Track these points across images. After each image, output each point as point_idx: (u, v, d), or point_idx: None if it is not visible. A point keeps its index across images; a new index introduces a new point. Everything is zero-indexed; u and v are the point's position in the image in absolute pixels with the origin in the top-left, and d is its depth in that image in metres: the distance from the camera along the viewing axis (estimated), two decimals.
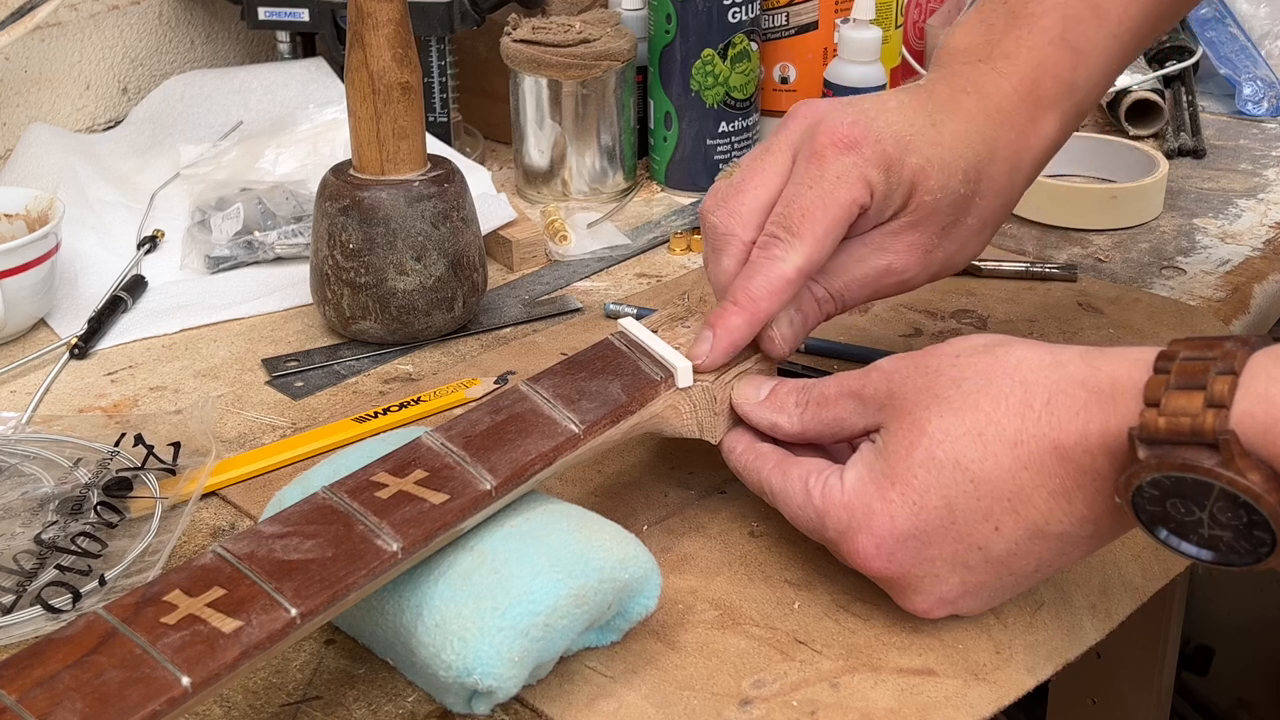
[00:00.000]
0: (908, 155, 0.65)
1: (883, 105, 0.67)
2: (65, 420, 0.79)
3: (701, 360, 0.65)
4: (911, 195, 0.66)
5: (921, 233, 0.67)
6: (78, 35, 1.16)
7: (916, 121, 0.66)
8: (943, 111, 0.67)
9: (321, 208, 0.84)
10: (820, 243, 0.64)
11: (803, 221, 0.64)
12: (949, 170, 0.66)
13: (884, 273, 0.68)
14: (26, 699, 0.43)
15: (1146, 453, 0.50)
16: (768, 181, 0.66)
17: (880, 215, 0.67)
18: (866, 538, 0.58)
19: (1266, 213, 1.05)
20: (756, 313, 0.65)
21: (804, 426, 0.63)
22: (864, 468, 0.59)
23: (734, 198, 0.67)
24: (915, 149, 0.65)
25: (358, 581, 0.51)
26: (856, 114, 0.65)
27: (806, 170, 0.65)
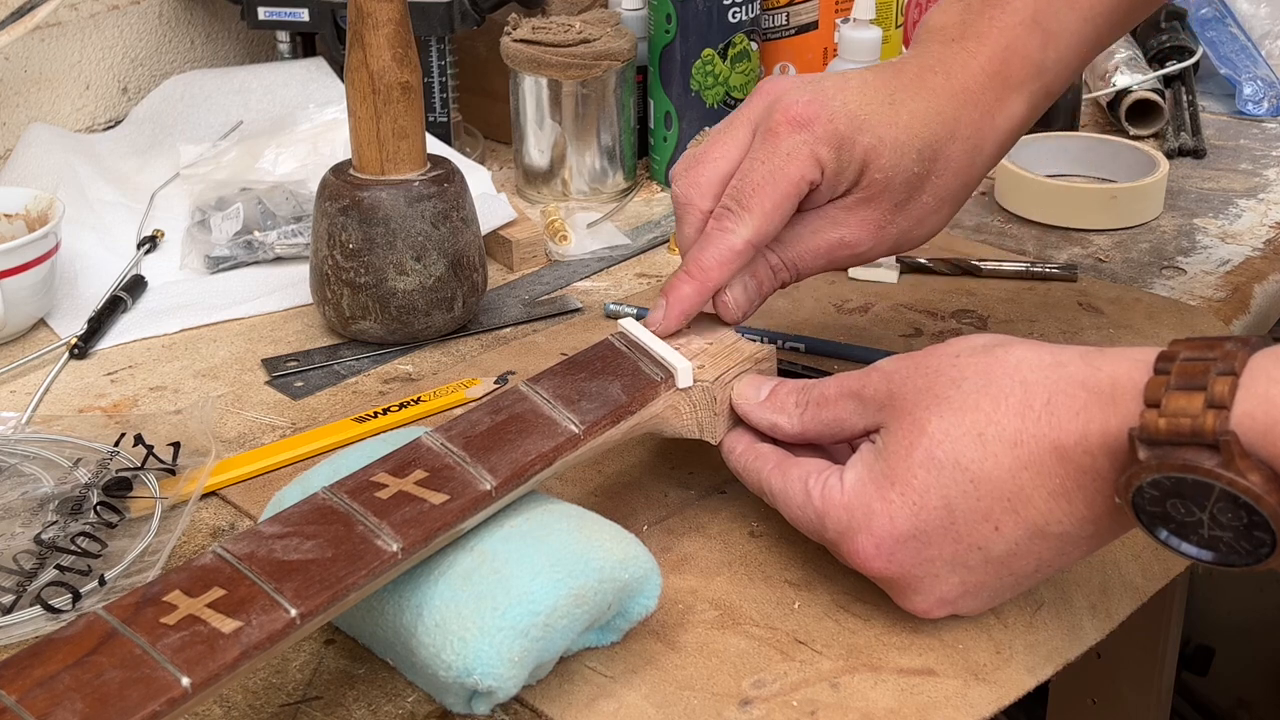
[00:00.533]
0: (860, 134, 0.67)
1: (844, 83, 0.68)
2: (65, 420, 0.79)
3: (656, 326, 0.67)
4: (863, 172, 0.68)
5: (874, 208, 0.69)
6: (78, 35, 1.16)
7: (874, 100, 0.68)
8: (906, 90, 0.68)
9: (321, 208, 0.84)
10: (769, 217, 0.66)
11: (753, 196, 0.66)
12: (902, 149, 0.67)
13: (837, 245, 0.70)
14: (26, 699, 0.43)
15: (1147, 453, 0.50)
16: (728, 154, 0.69)
17: (832, 191, 0.68)
18: (866, 538, 0.58)
19: (1267, 213, 1.05)
20: (706, 281, 0.67)
21: (804, 427, 0.63)
22: (864, 468, 0.59)
23: (695, 168, 0.69)
24: (869, 128, 0.67)
25: (358, 582, 0.51)
26: (814, 92, 0.67)
27: (761, 146, 0.67)
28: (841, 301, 0.91)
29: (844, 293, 0.92)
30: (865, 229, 0.69)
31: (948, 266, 0.94)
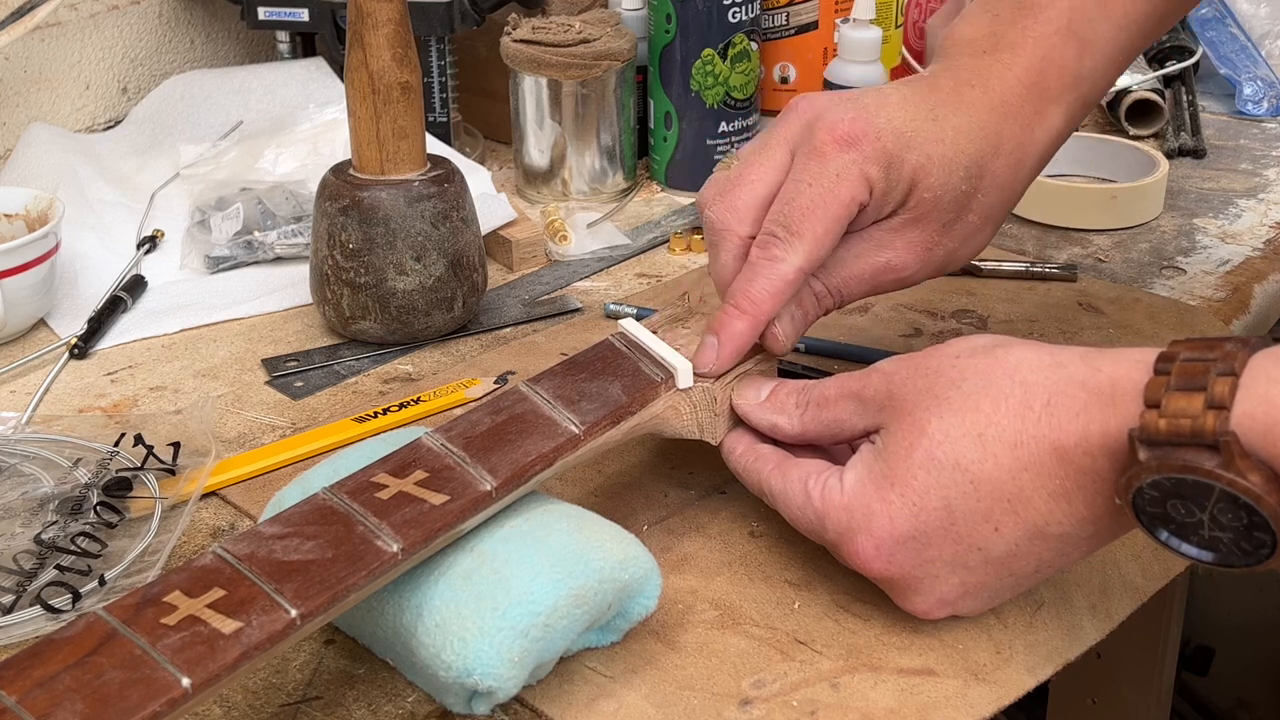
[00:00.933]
0: (908, 152, 0.65)
1: (883, 99, 0.66)
2: (65, 420, 0.79)
3: (709, 367, 0.65)
4: (911, 192, 0.66)
5: (922, 230, 0.67)
6: (78, 35, 1.16)
7: (918, 116, 0.66)
8: (945, 106, 0.66)
9: (321, 208, 0.84)
10: (820, 242, 0.64)
11: (802, 220, 0.64)
12: (950, 167, 0.66)
13: (883, 269, 0.68)
14: (27, 700, 0.43)
15: (1147, 454, 0.50)
16: (766, 176, 0.66)
17: (879, 212, 0.66)
18: (866, 539, 0.58)
19: (1266, 213, 1.05)
20: (759, 315, 0.65)
21: (804, 427, 0.63)
22: (864, 469, 0.59)
23: (731, 192, 0.66)
24: (916, 145, 0.65)
25: (358, 582, 0.51)
26: (857, 110, 0.65)
27: (806, 167, 0.65)
28: None
29: None
30: (912, 251, 0.67)
31: None
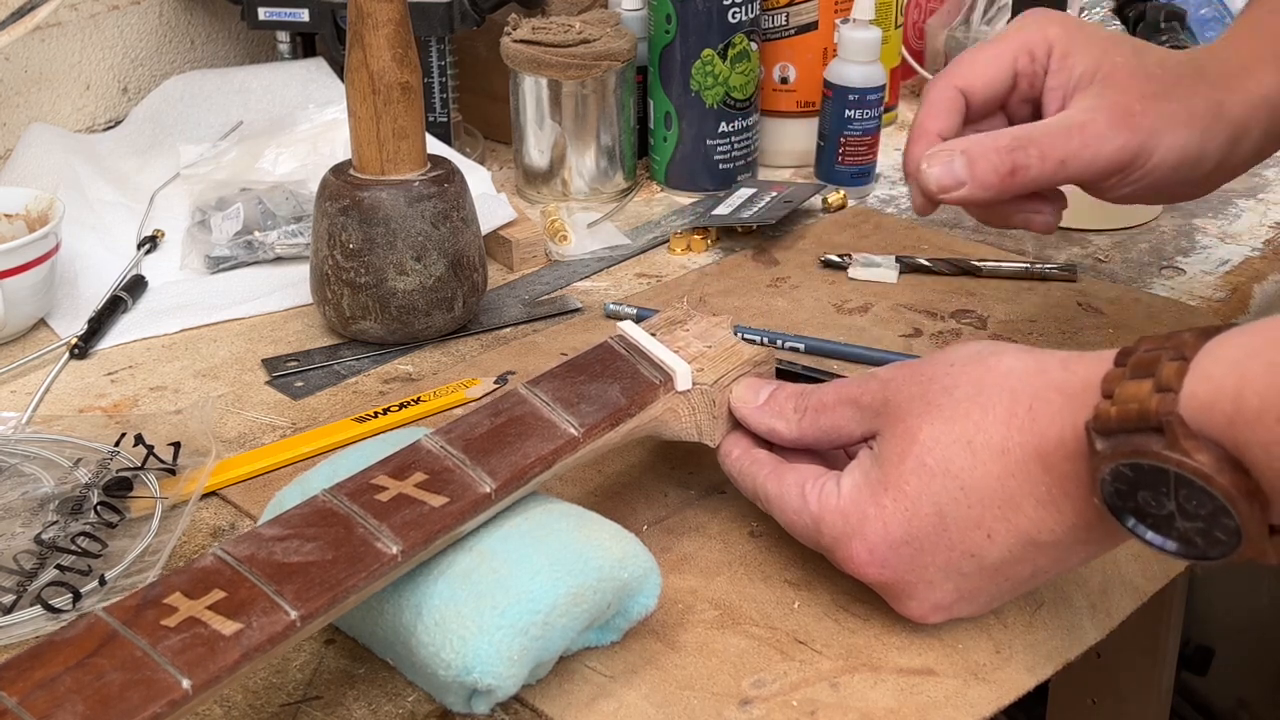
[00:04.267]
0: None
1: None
2: (65, 420, 0.79)
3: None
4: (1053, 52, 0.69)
5: (1117, 91, 0.68)
6: (78, 35, 1.16)
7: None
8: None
9: (321, 208, 0.84)
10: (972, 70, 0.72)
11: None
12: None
13: (1079, 128, 0.68)
14: (27, 701, 0.43)
15: (1102, 443, 0.50)
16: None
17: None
18: (860, 543, 0.58)
19: (1266, 213, 1.05)
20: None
21: (802, 432, 0.63)
22: (860, 474, 0.59)
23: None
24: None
25: (358, 584, 0.51)
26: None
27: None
28: (841, 301, 0.91)
29: (843, 293, 0.92)
30: (1108, 114, 0.68)
31: (947, 266, 0.94)
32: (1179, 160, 0.68)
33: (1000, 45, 0.70)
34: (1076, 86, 0.68)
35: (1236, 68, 0.69)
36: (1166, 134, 0.67)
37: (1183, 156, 0.68)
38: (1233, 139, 0.69)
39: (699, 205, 1.09)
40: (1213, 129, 0.68)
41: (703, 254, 1.00)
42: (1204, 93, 0.68)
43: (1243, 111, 0.69)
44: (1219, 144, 0.68)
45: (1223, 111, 0.68)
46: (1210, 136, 0.68)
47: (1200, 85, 0.68)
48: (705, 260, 0.99)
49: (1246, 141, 0.69)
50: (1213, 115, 0.68)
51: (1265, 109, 0.69)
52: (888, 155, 1.18)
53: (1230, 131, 0.69)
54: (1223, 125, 0.68)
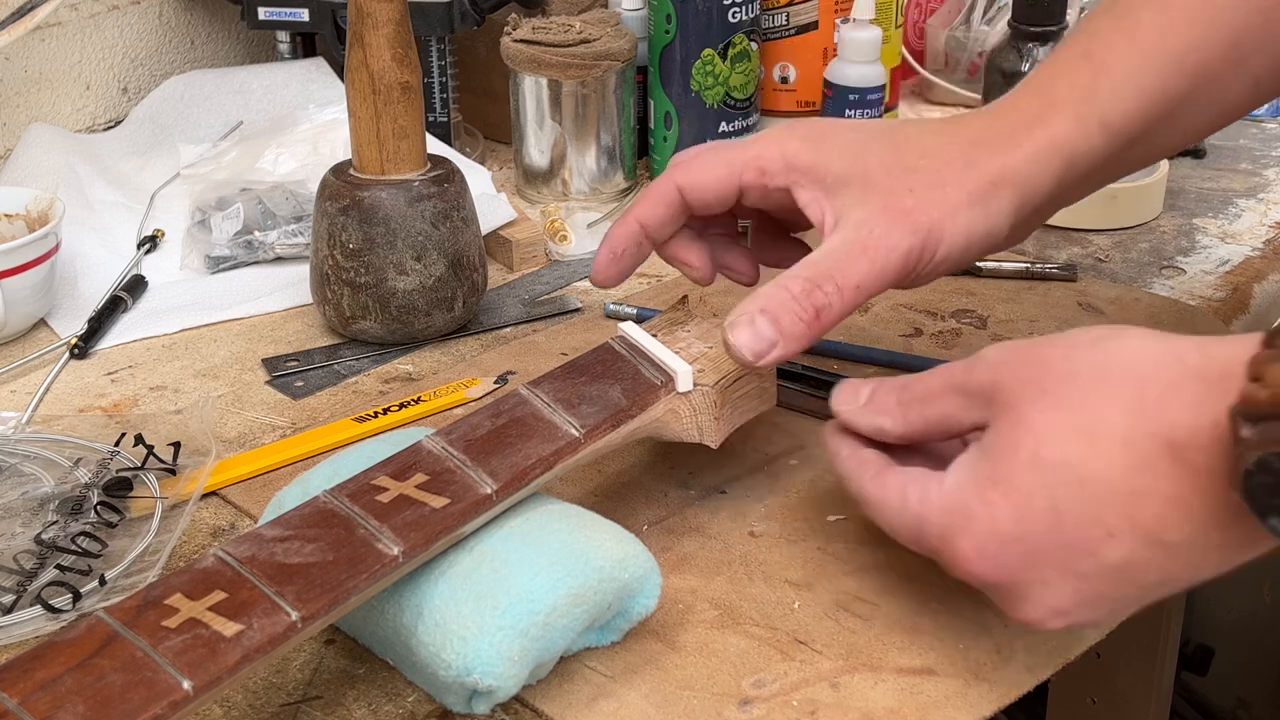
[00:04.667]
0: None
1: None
2: (65, 420, 0.79)
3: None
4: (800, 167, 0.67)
5: (881, 194, 0.65)
6: (78, 35, 1.16)
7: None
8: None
9: (321, 207, 0.84)
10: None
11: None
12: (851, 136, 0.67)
13: (866, 240, 0.66)
14: (28, 702, 0.44)
15: (1249, 430, 0.45)
16: None
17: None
18: (968, 541, 0.54)
19: (1266, 212, 1.05)
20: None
21: (909, 425, 0.60)
22: (965, 470, 0.55)
23: None
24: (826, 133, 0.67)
25: (359, 585, 0.51)
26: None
27: None
28: None
29: None
30: (887, 215, 0.65)
31: None
32: (967, 242, 0.65)
33: (730, 156, 0.67)
34: (834, 196, 0.65)
35: (1024, 121, 0.66)
36: (947, 222, 0.64)
37: (969, 236, 0.64)
38: (1020, 200, 0.65)
39: None
40: (995, 199, 0.65)
41: None
42: (979, 164, 0.65)
43: (1028, 167, 0.65)
44: (1005, 211, 0.65)
45: (1004, 176, 0.64)
46: (994, 208, 0.65)
47: (975, 157, 0.65)
48: None
49: (1037, 194, 0.66)
50: (992, 184, 0.64)
51: (1058, 157, 0.65)
52: None
53: (1016, 194, 0.65)
54: (1006, 190, 0.65)
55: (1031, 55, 1.12)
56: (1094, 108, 0.65)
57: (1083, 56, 0.67)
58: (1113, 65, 0.66)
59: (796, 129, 0.68)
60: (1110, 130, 0.66)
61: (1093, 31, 0.67)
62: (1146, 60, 0.66)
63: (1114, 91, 0.66)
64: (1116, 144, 0.66)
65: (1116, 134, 0.66)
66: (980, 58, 1.27)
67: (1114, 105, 0.65)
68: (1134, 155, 0.68)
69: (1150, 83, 0.66)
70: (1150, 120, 0.66)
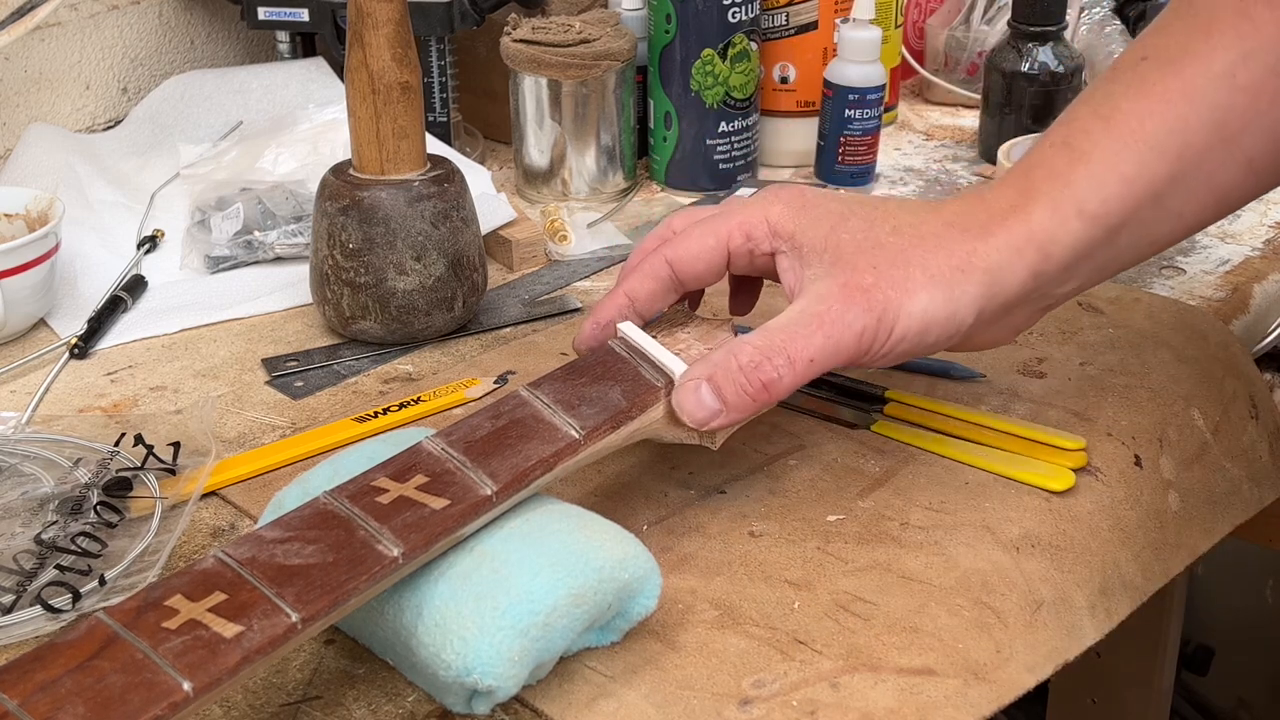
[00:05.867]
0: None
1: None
2: (65, 420, 0.79)
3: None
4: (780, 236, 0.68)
5: (845, 269, 0.66)
6: (78, 35, 1.16)
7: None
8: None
9: (321, 207, 0.84)
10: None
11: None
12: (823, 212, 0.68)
13: (820, 316, 0.67)
14: (28, 703, 0.44)
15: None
16: None
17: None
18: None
19: (1266, 212, 1.05)
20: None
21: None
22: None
23: None
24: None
25: (359, 587, 0.51)
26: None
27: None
28: None
29: None
30: (845, 296, 0.65)
31: None
32: (923, 325, 0.64)
33: (715, 226, 0.68)
34: (807, 263, 0.66)
35: (1002, 210, 0.65)
36: (904, 301, 0.63)
37: (927, 320, 0.64)
38: (987, 289, 0.64)
39: (699, 205, 1.09)
40: (959, 285, 0.64)
41: None
42: (950, 246, 0.64)
43: (999, 255, 0.64)
44: (970, 297, 0.64)
45: (971, 262, 0.64)
46: (957, 293, 0.64)
47: (946, 240, 0.65)
48: None
49: (1007, 287, 0.65)
50: (958, 269, 0.64)
51: (1031, 249, 0.64)
52: (888, 155, 1.18)
53: (982, 281, 0.64)
54: (973, 276, 0.64)
55: (1031, 55, 1.12)
56: (1070, 195, 0.65)
57: (1062, 145, 0.66)
58: (1088, 151, 0.65)
59: (781, 194, 0.68)
60: (1088, 217, 0.65)
61: (1071, 119, 0.67)
62: (1124, 145, 0.65)
63: (1091, 178, 0.65)
64: (1098, 232, 0.65)
65: (1095, 221, 0.65)
66: (980, 57, 1.28)
67: (1092, 192, 0.65)
68: (1123, 245, 0.67)
69: (1129, 168, 0.65)
70: (1133, 206, 0.65)
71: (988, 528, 0.67)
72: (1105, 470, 0.72)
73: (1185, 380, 0.80)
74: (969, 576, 0.64)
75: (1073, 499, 0.69)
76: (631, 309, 0.69)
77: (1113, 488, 0.71)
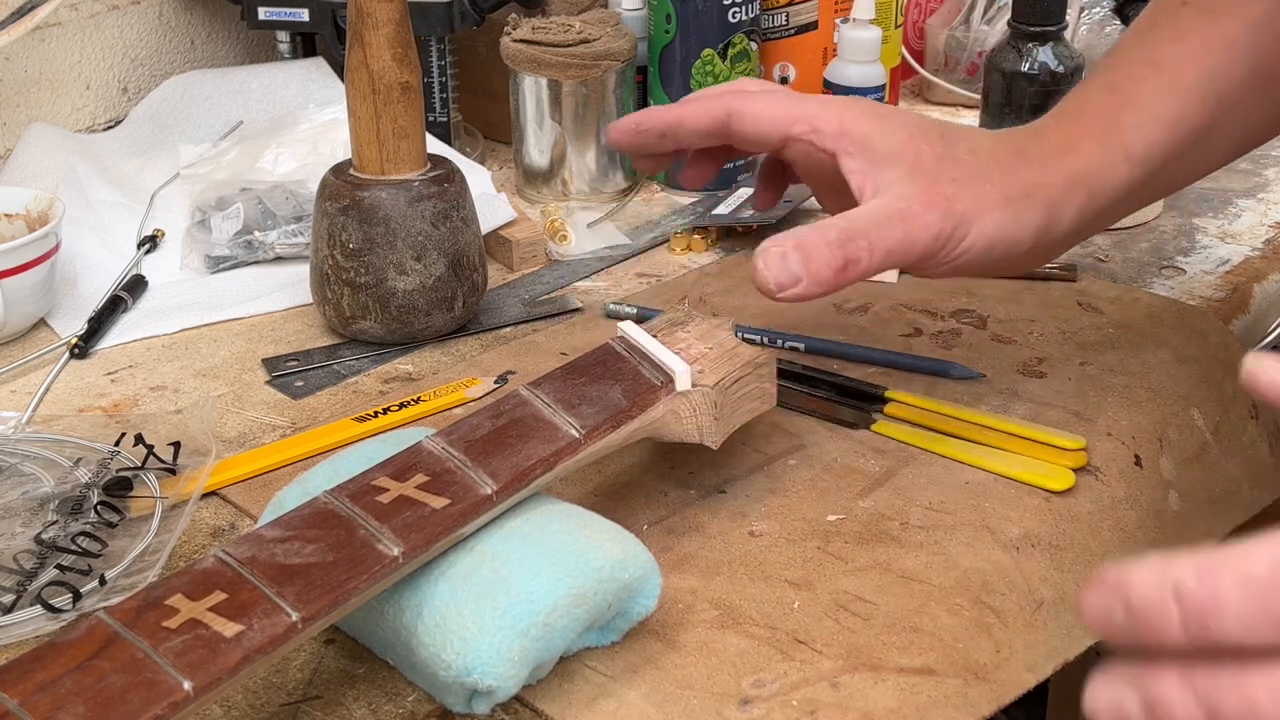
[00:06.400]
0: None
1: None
2: (65, 420, 0.79)
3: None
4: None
5: (923, 176, 0.68)
6: (78, 35, 1.16)
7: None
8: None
9: (321, 207, 0.84)
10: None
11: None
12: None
13: (901, 215, 0.69)
14: (29, 703, 0.44)
15: None
16: None
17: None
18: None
19: (1266, 212, 1.05)
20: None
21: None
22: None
23: None
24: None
25: (359, 586, 0.51)
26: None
27: None
28: (841, 301, 0.91)
29: (844, 292, 0.92)
30: (922, 199, 0.68)
31: None
32: (992, 241, 0.67)
33: (790, 104, 0.69)
34: (880, 169, 0.67)
35: (1056, 147, 0.68)
36: (978, 217, 0.66)
37: (996, 238, 0.67)
38: (1047, 220, 0.68)
39: (699, 205, 1.09)
40: (1027, 210, 0.67)
41: (703, 254, 1.01)
42: (1019, 174, 0.68)
43: (1059, 191, 0.68)
44: (1033, 225, 0.68)
45: (1038, 191, 0.67)
46: (1025, 217, 0.67)
47: (1016, 166, 0.68)
48: (705, 260, 0.99)
49: (1062, 222, 0.68)
50: (1026, 196, 0.67)
51: (1083, 187, 0.68)
52: None
53: (1045, 211, 0.68)
54: (1037, 205, 0.67)
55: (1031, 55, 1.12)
56: (1118, 140, 0.68)
57: (1109, 89, 0.69)
58: (1135, 97, 0.69)
59: (859, 103, 0.70)
60: (1134, 161, 0.68)
61: (1116, 64, 0.70)
62: (1169, 92, 0.68)
63: (1138, 124, 0.68)
64: (1140, 174, 0.68)
65: (1140, 164, 0.68)
66: (980, 57, 1.27)
67: (1138, 137, 0.68)
68: (1159, 184, 0.71)
69: (1173, 114, 0.68)
70: (1175, 149, 0.69)
71: (988, 527, 0.67)
72: (1105, 470, 0.72)
73: (1185, 380, 0.80)
74: (969, 576, 0.64)
75: (1073, 499, 0.70)
76: (674, 130, 0.71)
77: (1113, 487, 0.71)
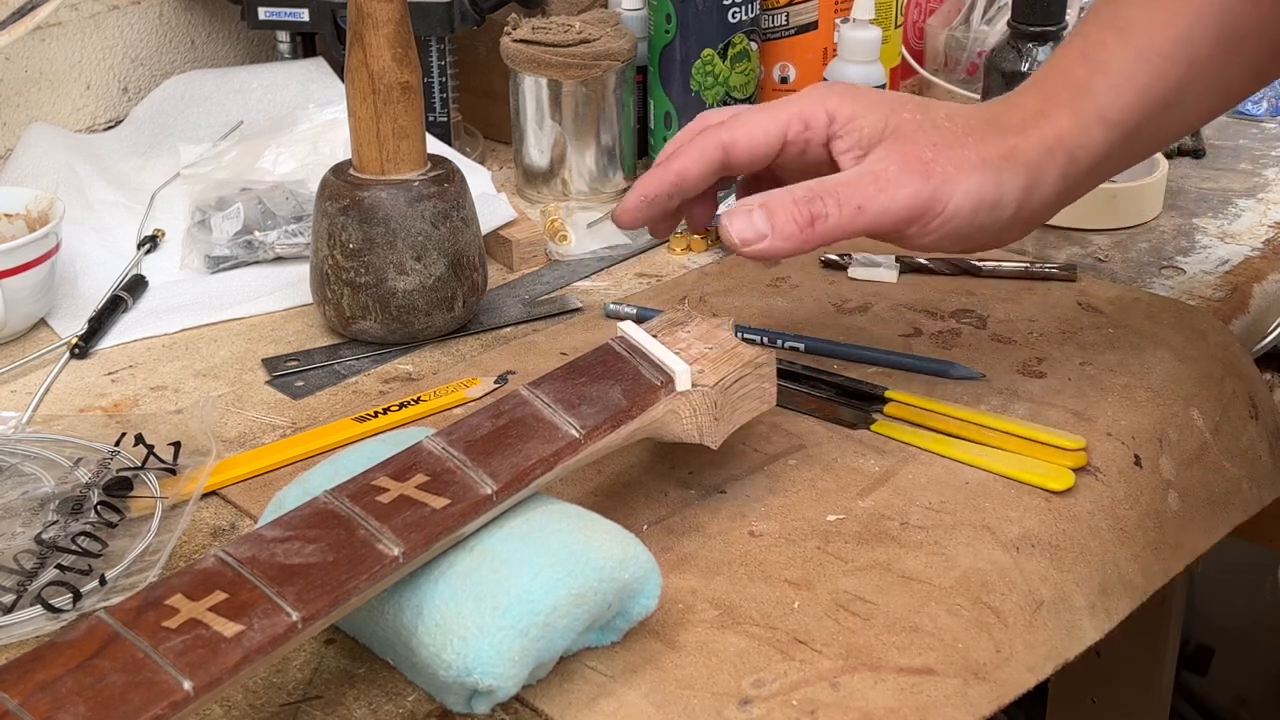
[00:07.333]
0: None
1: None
2: (65, 420, 0.79)
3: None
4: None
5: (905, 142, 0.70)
6: (78, 35, 1.16)
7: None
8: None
9: (321, 207, 0.84)
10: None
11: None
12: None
13: (875, 177, 0.70)
14: (29, 703, 0.44)
15: None
16: None
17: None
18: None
19: (1266, 212, 1.05)
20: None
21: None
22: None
23: None
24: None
25: (359, 586, 0.51)
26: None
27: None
28: (841, 301, 0.91)
29: (843, 292, 0.92)
30: (902, 162, 0.70)
31: (947, 266, 0.94)
32: (975, 204, 0.68)
33: (774, 114, 0.71)
34: (868, 145, 0.69)
35: (1031, 113, 0.70)
36: (960, 179, 0.68)
37: (979, 200, 0.68)
38: (1029, 182, 0.69)
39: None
40: (1006, 172, 0.69)
41: (703, 254, 1.01)
42: (995, 139, 0.69)
43: (1036, 155, 0.69)
44: (1015, 187, 0.69)
45: (1016, 155, 0.69)
46: (1005, 180, 0.69)
47: (991, 133, 0.69)
48: (705, 260, 0.99)
49: (1043, 185, 0.70)
50: (1005, 159, 0.69)
51: (1061, 151, 0.69)
52: None
53: (1025, 174, 0.69)
54: (1017, 168, 0.69)
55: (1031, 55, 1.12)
56: (1091, 104, 0.70)
57: (1079, 56, 0.71)
58: (1106, 62, 0.70)
59: (834, 88, 0.72)
60: (1109, 124, 0.70)
61: (1087, 32, 0.72)
62: (1139, 55, 0.70)
63: (1110, 88, 0.70)
64: (1116, 137, 0.70)
65: (1115, 127, 0.70)
66: (980, 58, 1.28)
67: (1111, 100, 0.70)
68: (1137, 146, 0.72)
69: (1144, 77, 0.70)
70: (1148, 112, 0.70)
71: (987, 527, 0.67)
72: (1105, 470, 0.72)
73: (1185, 380, 0.80)
74: (969, 576, 0.64)
75: (1072, 499, 0.70)
76: (679, 187, 0.72)
77: (1112, 487, 0.71)
